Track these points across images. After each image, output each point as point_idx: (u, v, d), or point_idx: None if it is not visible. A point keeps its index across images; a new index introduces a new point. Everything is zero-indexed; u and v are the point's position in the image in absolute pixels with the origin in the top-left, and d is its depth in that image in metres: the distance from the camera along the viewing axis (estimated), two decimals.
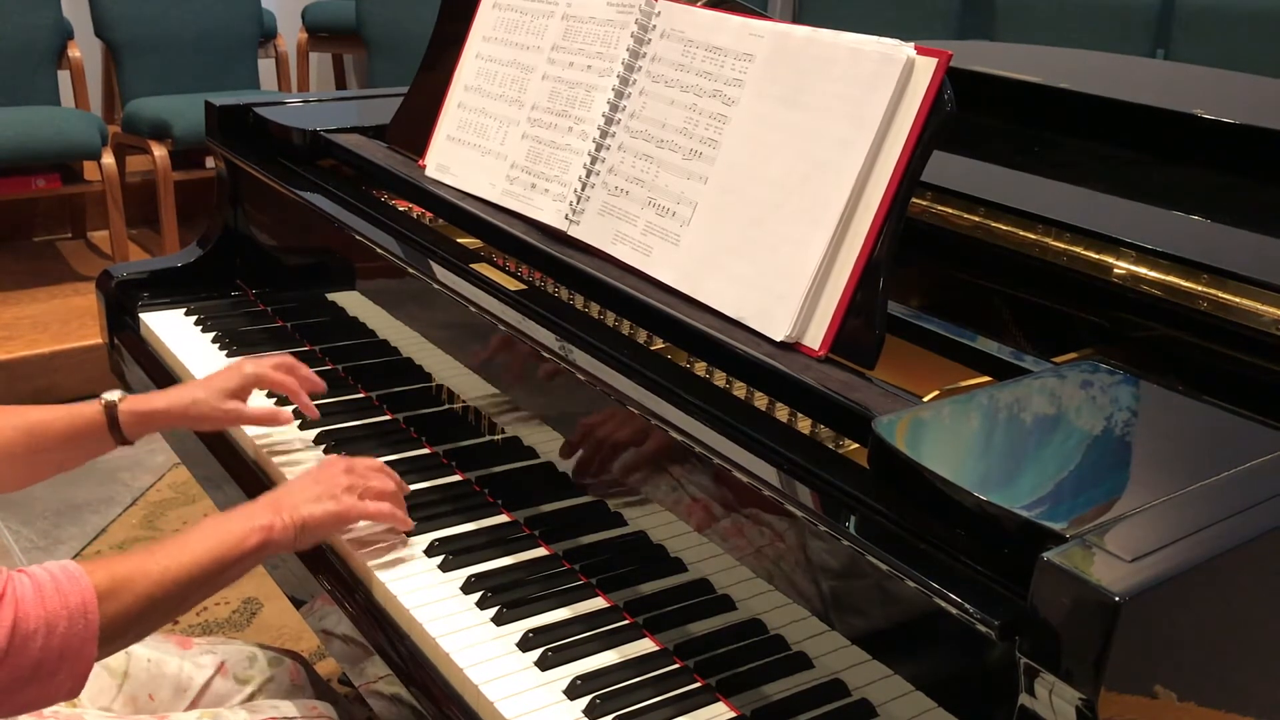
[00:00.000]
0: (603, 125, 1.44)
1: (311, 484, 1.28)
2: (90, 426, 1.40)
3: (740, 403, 1.16)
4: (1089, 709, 0.77)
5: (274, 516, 1.20)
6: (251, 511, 1.21)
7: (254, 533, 1.18)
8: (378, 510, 1.31)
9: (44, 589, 1.01)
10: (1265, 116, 1.56)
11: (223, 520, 1.19)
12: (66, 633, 1.01)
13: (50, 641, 1.00)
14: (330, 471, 1.30)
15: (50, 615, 1.00)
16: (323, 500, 1.26)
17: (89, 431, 1.40)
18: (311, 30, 5.02)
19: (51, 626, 1.00)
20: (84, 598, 1.03)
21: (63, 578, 1.03)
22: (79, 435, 1.40)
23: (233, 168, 2.02)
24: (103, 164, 3.79)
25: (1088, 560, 0.78)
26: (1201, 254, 1.26)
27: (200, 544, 1.14)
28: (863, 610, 0.99)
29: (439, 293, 1.44)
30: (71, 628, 1.01)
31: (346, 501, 1.27)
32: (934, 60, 1.13)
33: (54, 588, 1.02)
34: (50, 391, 3.36)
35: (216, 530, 1.17)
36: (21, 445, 1.34)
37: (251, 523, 1.19)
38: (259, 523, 1.19)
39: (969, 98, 1.21)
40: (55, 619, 1.00)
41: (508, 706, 1.10)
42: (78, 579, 1.03)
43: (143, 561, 1.10)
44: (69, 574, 1.04)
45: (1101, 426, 1.00)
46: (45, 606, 1.00)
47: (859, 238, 1.15)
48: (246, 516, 1.20)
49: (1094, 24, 4.59)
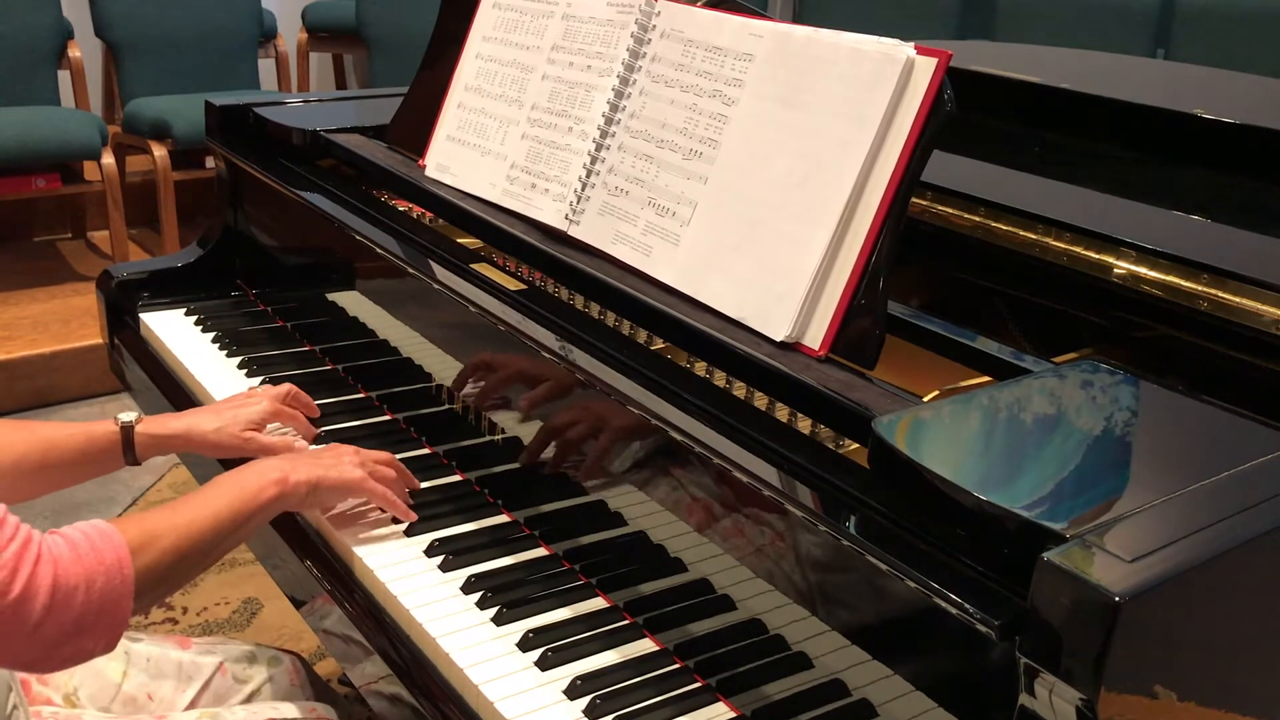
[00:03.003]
0: (603, 125, 1.44)
1: (324, 454, 1.34)
2: (104, 446, 1.40)
3: (740, 403, 1.16)
4: (1089, 709, 0.77)
5: (289, 471, 1.25)
6: (266, 467, 1.26)
7: (269, 485, 1.23)
8: (384, 492, 1.35)
9: (79, 547, 1.04)
10: (1265, 116, 1.55)
11: (238, 475, 1.23)
12: (105, 587, 1.04)
13: (90, 597, 1.03)
14: (340, 450, 1.36)
15: (89, 571, 1.03)
16: (334, 467, 1.31)
17: (102, 451, 1.40)
18: (311, 30, 5.02)
19: (90, 582, 1.03)
20: (118, 554, 1.06)
21: (95, 535, 1.06)
22: (92, 454, 1.40)
23: (233, 168, 2.02)
24: (103, 164, 3.79)
25: (1088, 560, 0.78)
26: (1201, 254, 1.26)
27: (220, 498, 1.19)
28: (863, 610, 0.99)
29: (439, 293, 1.44)
30: (109, 582, 1.04)
31: (354, 474, 1.32)
32: (934, 60, 1.13)
33: (89, 545, 1.04)
34: (50, 391, 3.36)
35: (234, 485, 1.21)
36: (34, 461, 1.34)
37: (266, 477, 1.24)
38: (273, 476, 1.24)
39: (969, 98, 1.21)
40: (93, 575, 1.03)
41: (508, 706, 1.10)
42: (110, 536, 1.06)
43: (169, 516, 1.14)
44: (101, 532, 1.06)
45: (1101, 426, 1.00)
46: (83, 563, 1.03)
47: (859, 238, 1.15)
48: (260, 472, 1.24)
49: (1094, 24, 4.59)
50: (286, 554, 1.41)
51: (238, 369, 1.77)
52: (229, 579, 2.59)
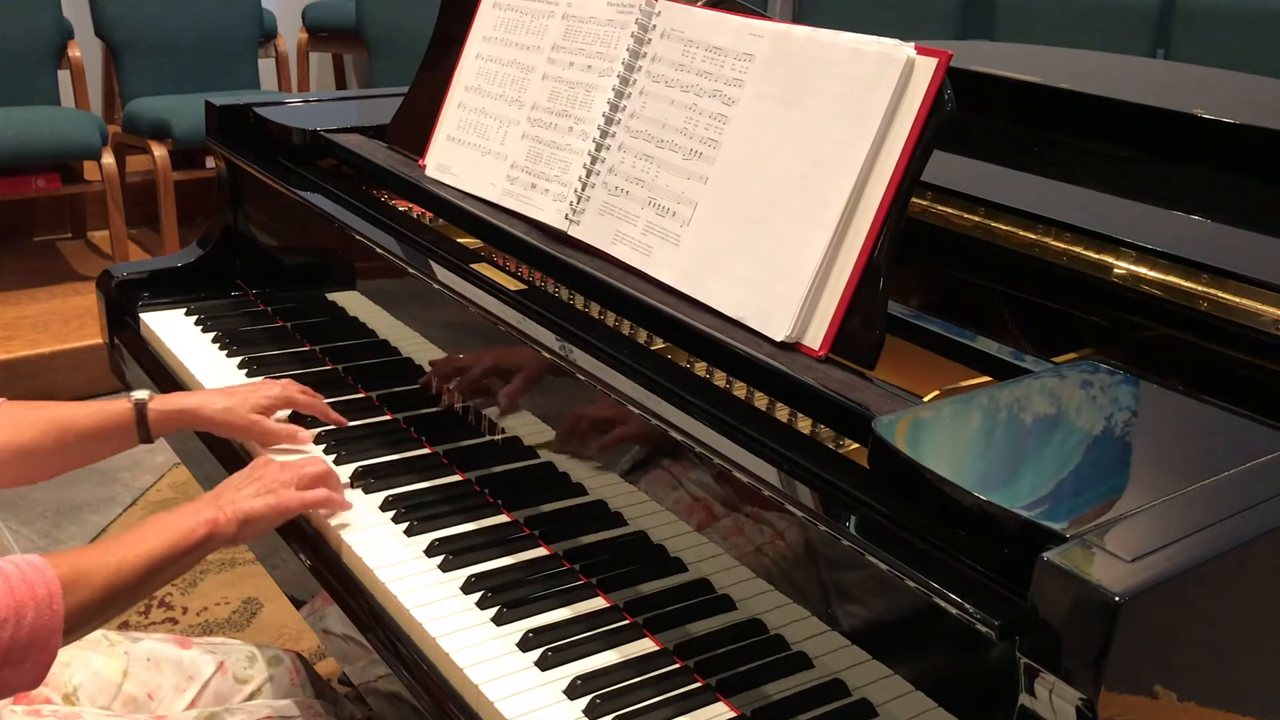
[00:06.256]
0: (603, 125, 1.44)
1: (249, 481, 1.34)
2: (118, 423, 1.45)
3: (740, 403, 1.16)
4: (1089, 709, 0.77)
5: (217, 512, 1.26)
6: (196, 508, 1.27)
7: (200, 525, 1.24)
8: (315, 498, 1.35)
9: (11, 580, 1.04)
10: (1265, 116, 1.55)
11: (170, 517, 1.25)
12: (34, 622, 1.03)
13: (18, 631, 1.02)
14: (267, 469, 1.35)
15: (18, 605, 1.03)
16: (262, 495, 1.31)
17: (116, 428, 1.45)
18: (311, 30, 5.02)
19: (20, 616, 1.02)
20: (49, 589, 1.05)
21: (28, 569, 1.06)
22: (106, 431, 1.45)
23: (233, 168, 2.02)
24: (103, 164, 3.79)
25: (1088, 560, 0.78)
26: (1201, 254, 1.26)
27: (152, 538, 1.20)
28: (863, 610, 0.99)
29: (439, 293, 1.44)
30: (39, 617, 1.04)
31: (284, 495, 1.32)
32: (934, 60, 1.13)
33: (20, 578, 1.04)
34: (50, 391, 3.35)
35: (165, 526, 1.22)
36: (51, 439, 1.39)
37: (197, 517, 1.25)
38: (205, 516, 1.25)
39: (969, 98, 1.21)
40: (23, 608, 1.03)
41: (508, 706, 1.10)
42: (42, 570, 1.06)
43: (100, 554, 1.14)
44: (34, 566, 1.06)
45: (1101, 426, 1.00)
46: (14, 596, 1.03)
47: (859, 237, 1.15)
48: (191, 513, 1.25)
49: (1094, 24, 4.59)
50: (287, 554, 1.41)
51: (238, 369, 1.78)
52: (229, 579, 2.59)
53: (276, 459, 1.38)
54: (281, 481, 1.33)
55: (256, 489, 1.32)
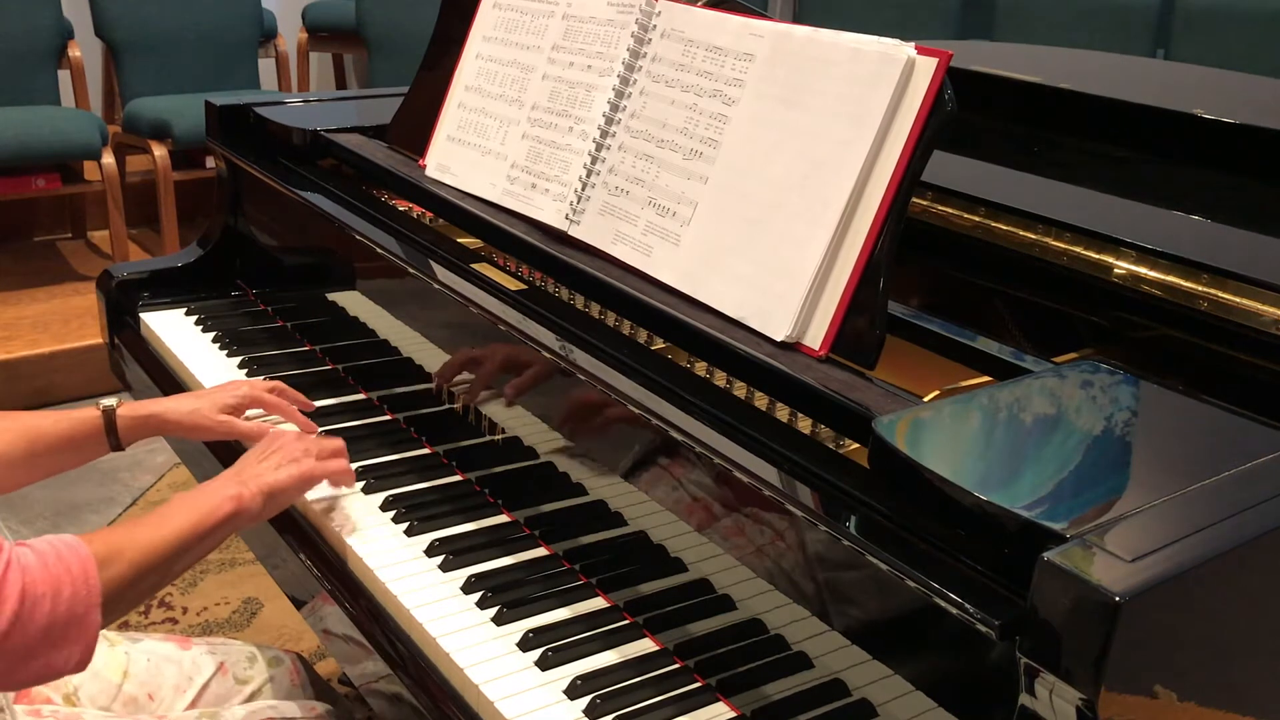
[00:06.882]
0: (603, 125, 1.44)
1: (269, 453, 1.34)
2: (87, 431, 1.44)
3: (741, 403, 1.16)
4: (1089, 709, 0.77)
5: (240, 487, 1.27)
6: (220, 485, 1.27)
7: (225, 502, 1.24)
8: (336, 467, 1.37)
9: (46, 557, 1.04)
10: (1265, 116, 1.55)
11: (195, 494, 1.25)
12: (72, 597, 1.04)
13: (57, 607, 1.03)
14: (284, 440, 1.37)
15: (55, 580, 1.03)
16: (284, 466, 1.32)
17: (85, 437, 1.44)
18: (311, 30, 5.02)
19: (58, 591, 1.03)
20: (85, 565, 1.06)
21: (63, 547, 1.07)
22: (75, 440, 1.43)
23: (233, 168, 2.02)
24: (103, 164, 3.79)
25: (1088, 560, 0.78)
26: (1201, 254, 1.26)
27: (179, 516, 1.20)
28: (863, 610, 0.99)
29: (439, 293, 1.44)
30: (76, 593, 1.05)
31: (307, 464, 1.33)
32: (934, 60, 1.13)
33: (56, 556, 1.05)
34: (50, 391, 3.36)
35: (191, 503, 1.23)
36: (20, 450, 1.38)
37: (222, 494, 1.25)
38: (229, 493, 1.25)
39: (969, 98, 1.21)
40: (60, 584, 1.04)
41: (508, 706, 1.10)
42: (76, 548, 1.07)
43: (131, 532, 1.15)
44: (68, 544, 1.07)
45: (1101, 426, 1.00)
46: (50, 572, 1.03)
47: (859, 237, 1.15)
48: (216, 490, 1.26)
49: (1094, 24, 4.59)
50: (286, 554, 1.41)
51: (238, 369, 1.78)
52: (229, 579, 2.59)
53: (291, 431, 1.39)
54: (303, 450, 1.34)
55: (278, 460, 1.33)
